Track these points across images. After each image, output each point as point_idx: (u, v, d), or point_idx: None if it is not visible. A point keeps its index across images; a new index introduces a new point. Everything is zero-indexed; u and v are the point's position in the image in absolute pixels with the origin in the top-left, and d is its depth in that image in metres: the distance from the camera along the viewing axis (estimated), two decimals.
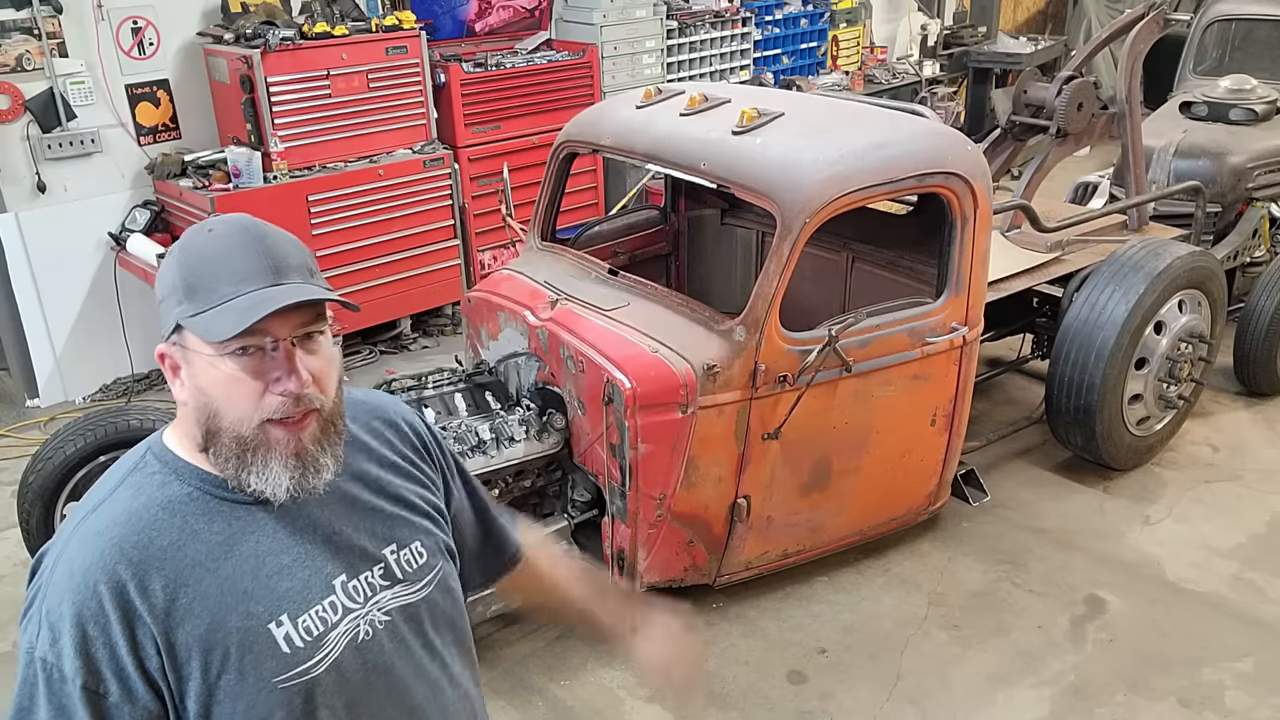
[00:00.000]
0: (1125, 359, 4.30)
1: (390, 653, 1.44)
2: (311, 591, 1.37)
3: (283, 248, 1.34)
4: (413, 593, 1.48)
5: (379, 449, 1.54)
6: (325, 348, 1.35)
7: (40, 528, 3.69)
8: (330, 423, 1.36)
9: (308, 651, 1.35)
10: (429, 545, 1.53)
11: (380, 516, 1.48)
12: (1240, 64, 6.52)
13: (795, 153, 3.42)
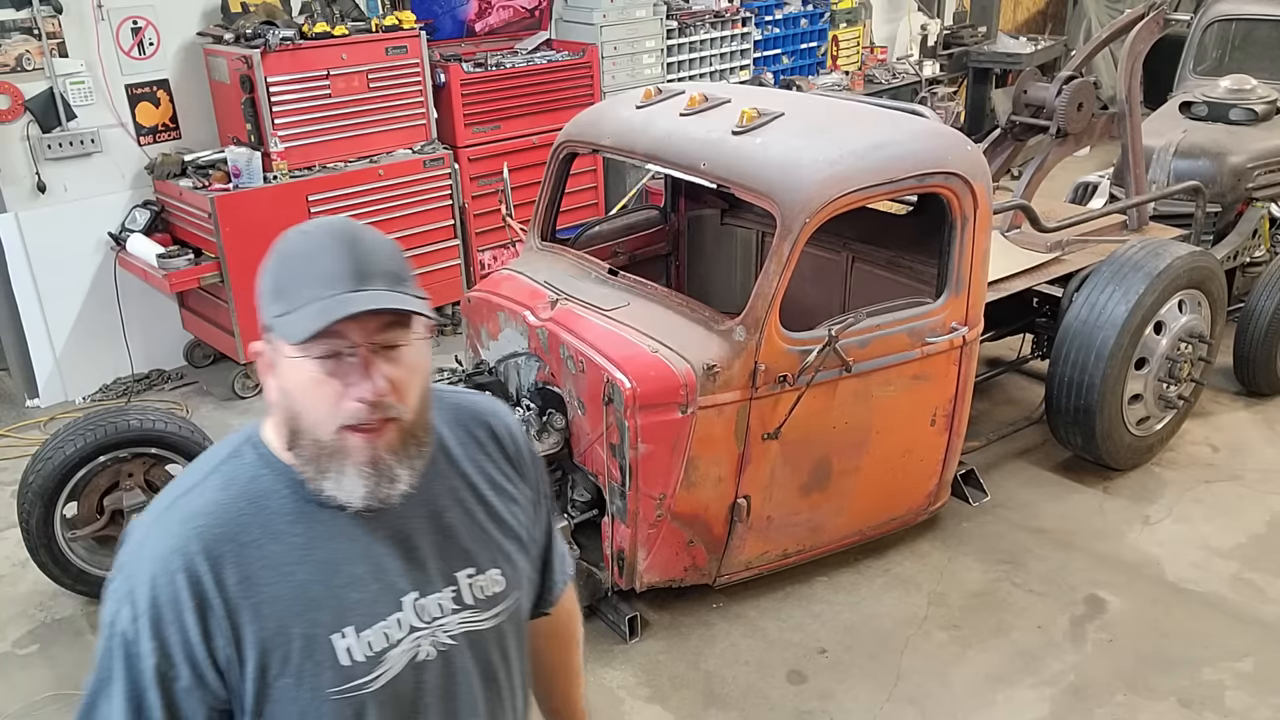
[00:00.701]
0: (1125, 359, 4.30)
1: (448, 678, 1.42)
2: (380, 606, 1.36)
3: (372, 252, 1.31)
4: (481, 620, 1.44)
5: (475, 458, 1.49)
6: (409, 357, 1.31)
7: (40, 528, 3.69)
8: (411, 434, 1.33)
9: (367, 666, 1.34)
10: (508, 574, 1.48)
11: (464, 534, 1.44)
12: (1240, 64, 6.52)
13: (795, 153, 3.42)
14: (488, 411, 1.56)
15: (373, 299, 1.26)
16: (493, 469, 1.51)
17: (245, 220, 5.28)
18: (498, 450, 1.53)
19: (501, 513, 1.49)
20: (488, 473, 1.50)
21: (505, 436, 1.55)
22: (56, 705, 3.49)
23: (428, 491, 1.40)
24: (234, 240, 5.25)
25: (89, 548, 3.87)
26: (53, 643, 3.78)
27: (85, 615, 3.91)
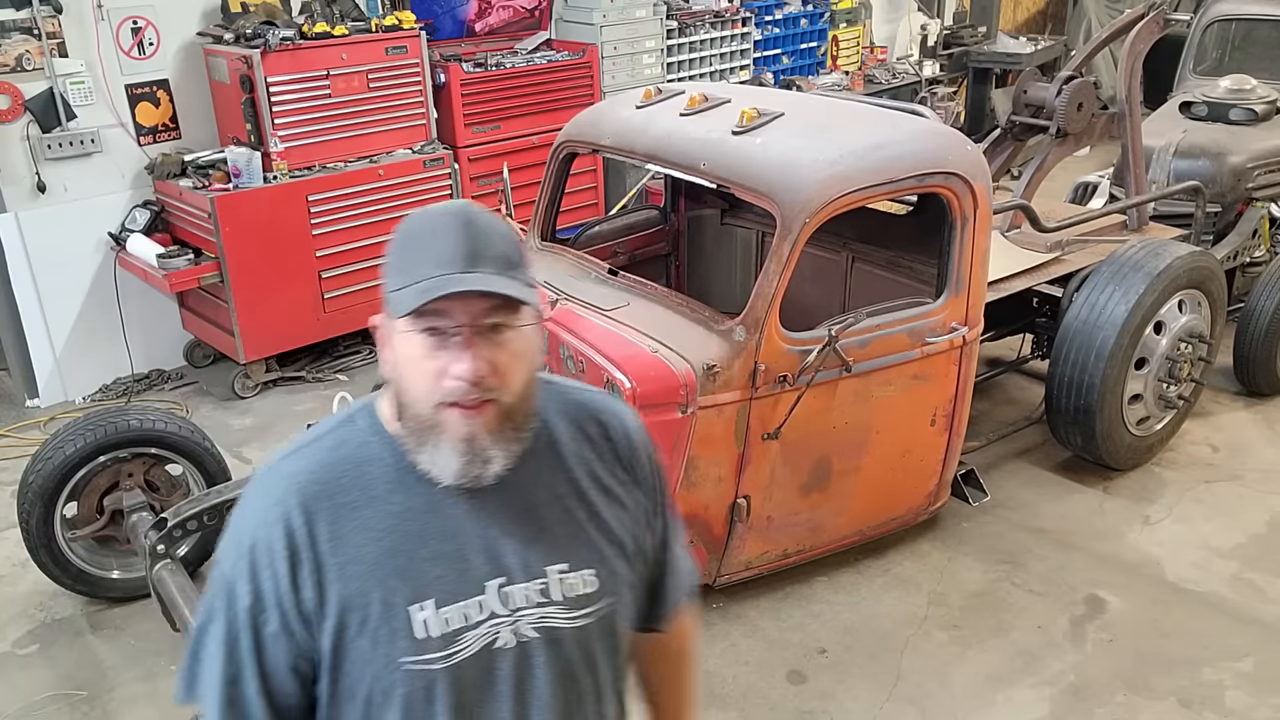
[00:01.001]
0: (1125, 359, 4.30)
1: (523, 670, 1.41)
2: (462, 585, 1.37)
3: (487, 236, 1.33)
4: (566, 618, 1.42)
5: (584, 455, 1.48)
6: (514, 341, 1.33)
7: (40, 528, 3.69)
8: (509, 416, 1.35)
9: (441, 643, 1.35)
10: (604, 577, 1.45)
11: (560, 530, 1.43)
12: (1240, 64, 6.52)
13: (795, 153, 3.42)
14: (604, 410, 1.53)
15: (477, 281, 1.29)
16: (601, 469, 1.48)
17: (245, 220, 5.28)
18: (609, 451, 1.50)
19: (604, 514, 1.47)
20: (595, 472, 1.48)
21: (620, 438, 1.52)
22: (56, 705, 3.49)
23: (528, 481, 1.41)
24: (234, 240, 5.25)
25: (89, 548, 3.87)
26: (53, 643, 3.78)
27: (85, 615, 3.91)
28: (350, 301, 5.76)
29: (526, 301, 1.32)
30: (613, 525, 1.47)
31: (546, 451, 1.45)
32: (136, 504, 3.73)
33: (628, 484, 1.50)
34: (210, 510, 3.48)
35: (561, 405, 1.49)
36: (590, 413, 1.51)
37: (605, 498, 1.48)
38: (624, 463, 1.51)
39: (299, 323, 5.63)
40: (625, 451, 1.51)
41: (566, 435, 1.48)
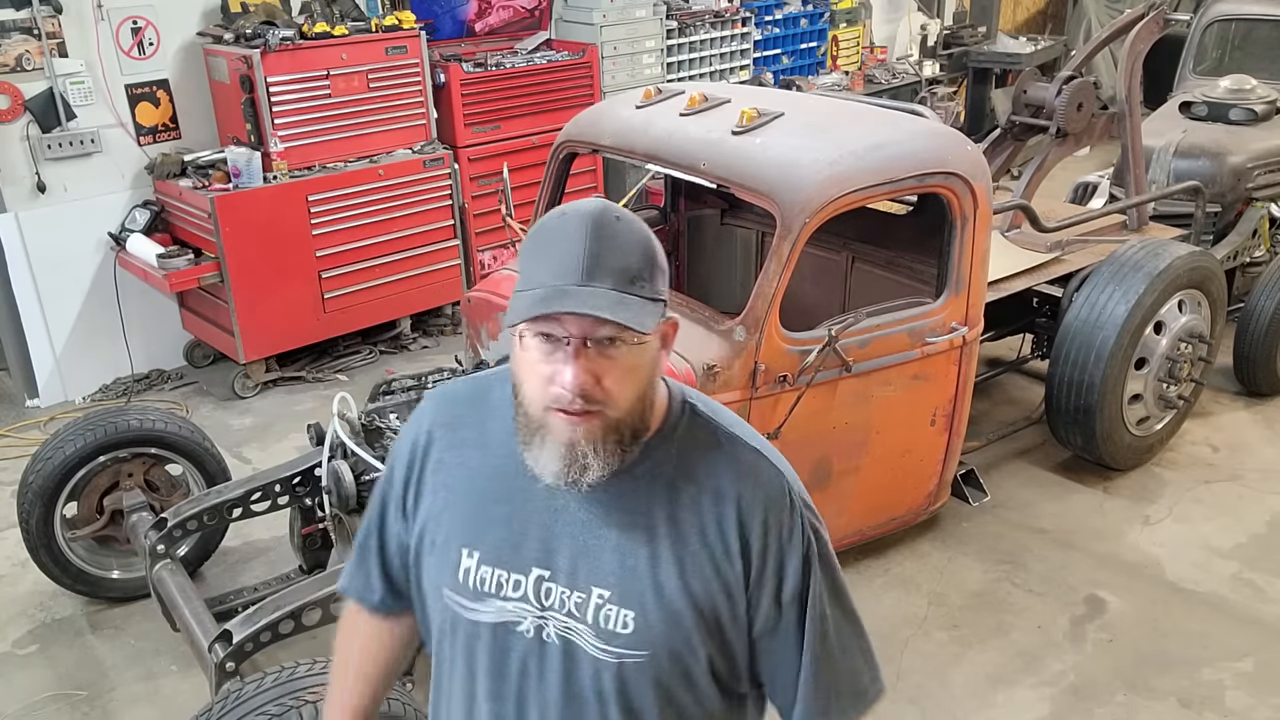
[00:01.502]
0: (1125, 359, 4.30)
1: (536, 665, 1.42)
2: (510, 557, 1.43)
3: (611, 244, 1.31)
4: (591, 644, 1.40)
5: (686, 504, 1.40)
6: (626, 357, 1.32)
7: (40, 527, 3.69)
8: (614, 430, 1.34)
9: (471, 595, 1.44)
10: (640, 627, 1.38)
11: (617, 559, 1.40)
12: (1240, 64, 6.52)
13: (795, 153, 3.42)
14: (750, 477, 1.42)
15: (585, 298, 1.28)
16: (692, 524, 1.40)
17: (245, 220, 5.28)
18: (720, 513, 1.40)
19: (665, 569, 1.39)
20: (681, 527, 1.40)
21: (747, 508, 1.40)
22: (56, 705, 3.49)
23: (616, 498, 1.40)
24: (234, 240, 5.25)
25: (89, 548, 3.87)
26: (53, 643, 3.78)
27: (85, 615, 3.91)
28: (350, 301, 5.76)
29: (628, 326, 1.29)
30: (670, 584, 1.39)
31: (649, 479, 1.41)
32: (136, 504, 3.73)
33: (724, 555, 1.40)
34: (210, 510, 3.48)
35: (706, 447, 1.43)
36: (736, 476, 1.42)
37: (679, 553, 1.39)
38: (738, 531, 1.40)
39: (299, 323, 5.63)
40: (744, 522, 1.40)
41: (683, 475, 1.41)
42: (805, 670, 1.44)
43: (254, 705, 2.38)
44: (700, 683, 1.43)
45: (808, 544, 1.43)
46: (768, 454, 1.47)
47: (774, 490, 1.43)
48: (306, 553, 3.71)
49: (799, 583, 1.42)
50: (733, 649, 1.43)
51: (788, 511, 1.42)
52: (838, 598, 1.46)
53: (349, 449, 3.34)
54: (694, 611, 1.39)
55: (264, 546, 4.22)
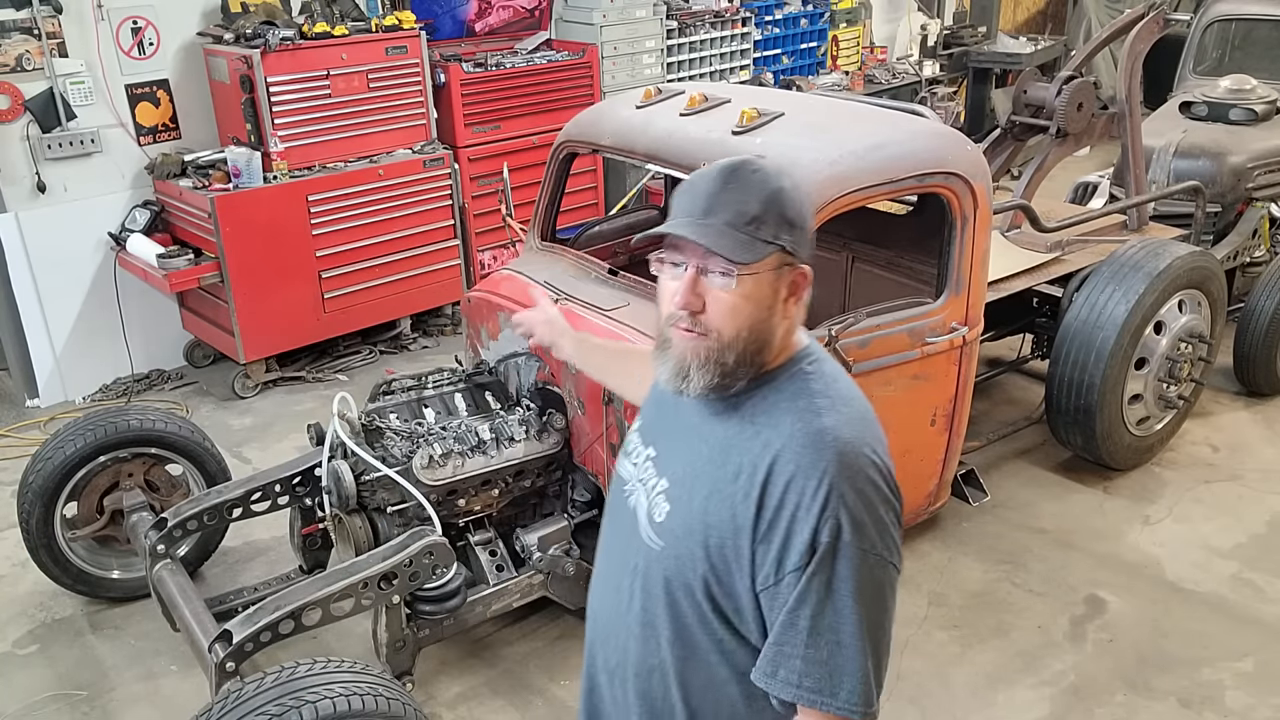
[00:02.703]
0: (1125, 359, 4.30)
1: (621, 515, 1.72)
2: (647, 432, 1.74)
3: (737, 189, 1.50)
4: (643, 520, 1.64)
5: (745, 451, 1.52)
6: (732, 291, 1.49)
7: (40, 528, 3.69)
8: (717, 356, 1.52)
9: (625, 450, 1.78)
10: (666, 529, 1.59)
11: (685, 465, 1.60)
12: (1240, 64, 6.52)
13: (795, 153, 3.42)
14: (801, 447, 1.47)
15: (685, 228, 1.49)
16: (743, 468, 1.52)
17: (245, 220, 5.28)
18: (761, 473, 1.49)
19: (703, 489, 1.55)
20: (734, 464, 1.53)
21: (777, 486, 1.47)
22: (56, 705, 3.49)
23: (713, 419, 1.58)
24: (234, 240, 5.25)
25: (89, 548, 3.87)
26: (53, 643, 3.78)
27: (85, 615, 3.91)
28: (350, 301, 5.76)
29: (717, 252, 1.47)
30: (697, 500, 1.55)
31: (735, 411, 1.57)
32: (136, 504, 3.73)
33: (744, 498, 1.49)
34: (210, 510, 3.48)
35: (787, 403, 1.53)
36: (789, 430, 1.50)
37: (715, 480, 1.54)
38: (762, 481, 1.48)
39: (299, 323, 5.63)
40: (770, 476, 1.47)
41: (754, 418, 1.54)
42: (770, 637, 1.50)
43: (254, 705, 2.38)
44: (702, 606, 1.55)
45: (824, 528, 1.43)
46: (842, 436, 1.48)
47: (815, 463, 1.46)
48: (306, 553, 3.72)
49: (800, 559, 1.44)
50: (735, 589, 1.52)
51: (816, 487, 1.44)
52: (836, 596, 1.45)
53: (349, 449, 3.34)
54: (703, 532, 1.53)
55: (264, 546, 4.23)
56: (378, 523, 3.41)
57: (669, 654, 1.61)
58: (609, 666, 1.77)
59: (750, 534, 1.48)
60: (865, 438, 1.50)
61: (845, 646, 1.46)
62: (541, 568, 3.46)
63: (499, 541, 3.60)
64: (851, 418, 1.52)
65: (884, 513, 1.48)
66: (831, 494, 1.43)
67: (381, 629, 3.17)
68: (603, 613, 1.78)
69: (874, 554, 1.45)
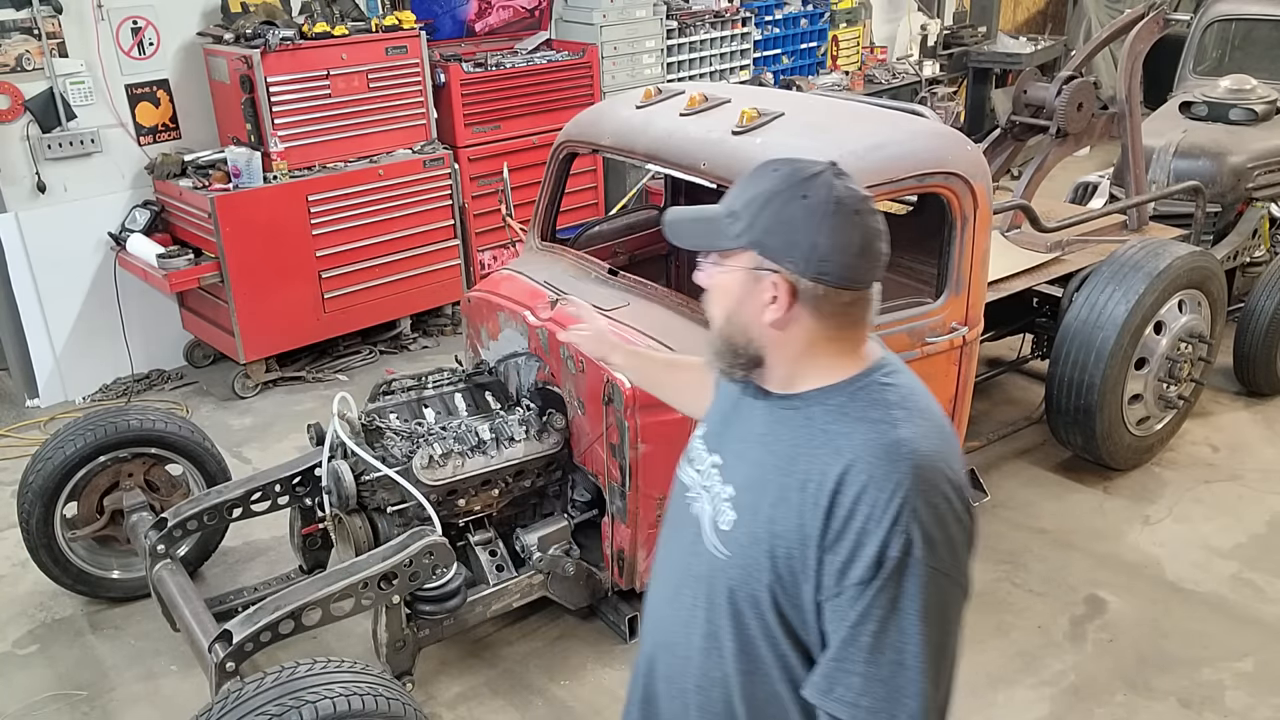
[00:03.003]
0: (1125, 359, 4.30)
1: (683, 522, 1.68)
2: (711, 438, 1.70)
3: (743, 181, 1.55)
4: (707, 528, 1.60)
5: (814, 459, 1.46)
6: (716, 276, 1.57)
7: (40, 528, 3.69)
8: (712, 336, 1.61)
9: (686, 455, 1.74)
10: (732, 539, 1.55)
11: (751, 473, 1.56)
12: (1240, 64, 6.52)
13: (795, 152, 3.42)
14: (874, 459, 1.42)
15: (679, 209, 1.61)
16: (811, 477, 1.46)
17: (245, 220, 5.28)
18: (830, 483, 1.43)
19: (770, 498, 1.50)
20: (802, 473, 1.47)
21: (846, 501, 1.41)
22: (56, 705, 3.49)
23: (779, 426, 1.55)
24: (234, 240, 5.25)
25: (89, 548, 3.87)
26: (53, 643, 3.78)
27: (85, 615, 3.91)
28: (350, 301, 5.76)
29: (665, 233, 1.60)
30: (764, 509, 1.51)
31: (804, 418, 1.52)
32: (136, 504, 3.73)
33: (812, 507, 1.44)
34: (210, 510, 3.48)
35: (860, 411, 1.48)
36: (863, 440, 1.44)
37: (782, 489, 1.49)
38: (831, 491, 1.43)
39: (299, 323, 5.63)
40: (840, 486, 1.42)
41: (825, 426, 1.50)
42: (829, 652, 1.44)
43: (254, 705, 2.38)
44: (767, 618, 1.50)
45: (893, 542, 1.38)
46: (919, 449, 1.43)
47: (888, 475, 1.40)
48: (306, 553, 3.72)
49: (866, 572, 1.39)
50: (802, 600, 1.47)
51: (888, 499, 1.38)
52: (902, 615, 1.39)
53: (349, 449, 3.34)
54: (769, 541, 1.48)
55: (264, 546, 4.23)
56: (378, 523, 3.41)
57: (732, 668, 1.56)
58: (668, 675, 1.70)
59: (818, 544, 1.43)
60: (943, 452, 1.45)
61: (908, 667, 1.39)
62: (541, 568, 3.47)
63: (499, 541, 3.60)
64: (929, 431, 1.47)
65: (956, 531, 1.42)
66: (904, 508, 1.38)
67: (381, 629, 3.17)
68: (663, 621, 1.71)
69: (944, 573, 1.40)
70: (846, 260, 1.48)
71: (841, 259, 1.47)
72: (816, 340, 1.52)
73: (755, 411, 1.60)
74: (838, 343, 1.53)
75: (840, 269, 1.48)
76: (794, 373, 1.55)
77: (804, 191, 1.48)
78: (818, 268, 1.47)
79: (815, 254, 1.47)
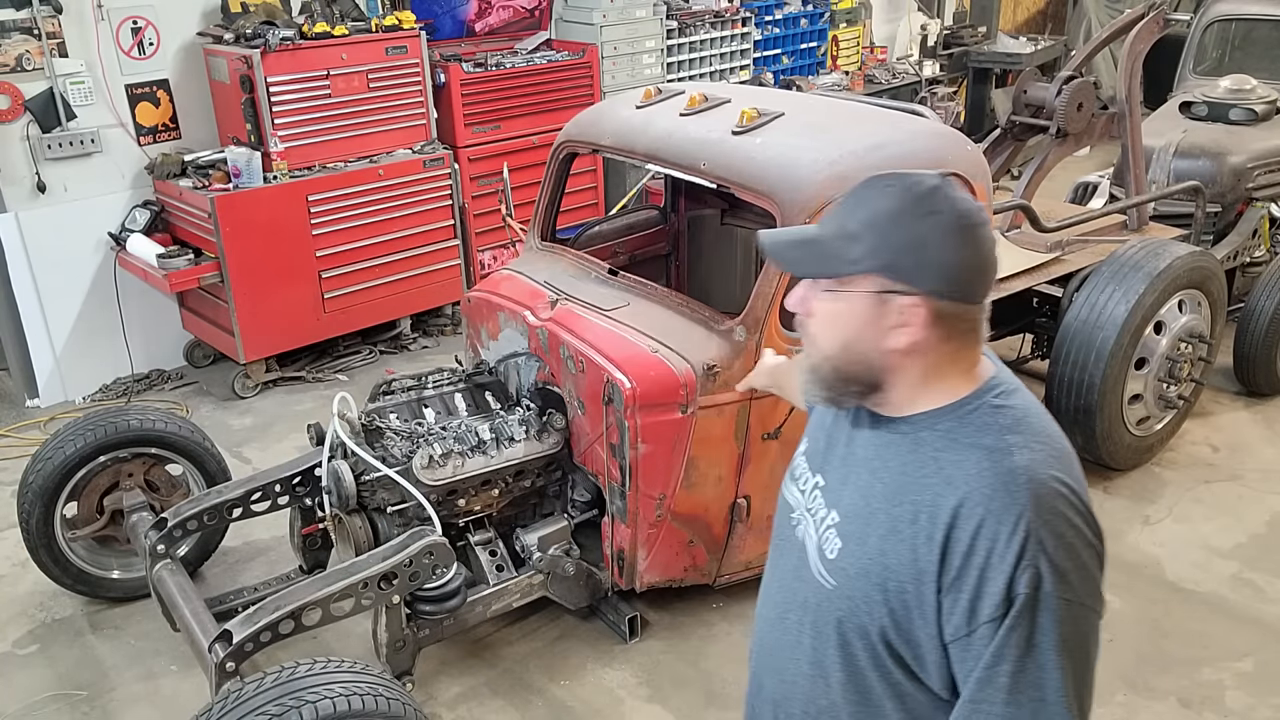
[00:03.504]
0: (1125, 359, 4.30)
1: (787, 545, 1.65)
2: (815, 459, 1.63)
3: (852, 199, 1.46)
4: (813, 555, 1.55)
5: (924, 488, 1.41)
6: (824, 303, 1.47)
7: (40, 528, 3.69)
8: (817, 365, 1.51)
9: (790, 474, 1.70)
10: (844, 562, 1.47)
11: (858, 499, 1.49)
12: (1240, 64, 6.52)
13: (795, 152, 3.42)
14: (992, 490, 1.36)
15: (775, 232, 1.53)
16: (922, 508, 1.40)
17: (245, 220, 5.28)
18: (944, 516, 1.37)
19: (880, 529, 1.44)
20: (913, 503, 1.41)
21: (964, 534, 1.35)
22: (56, 705, 3.49)
23: (886, 449, 1.49)
24: (234, 240, 5.25)
25: (89, 548, 3.87)
26: (53, 643, 3.78)
27: (85, 615, 3.91)
28: (350, 301, 5.76)
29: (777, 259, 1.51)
30: (873, 541, 1.44)
31: (913, 444, 1.46)
32: (136, 504, 3.73)
33: (926, 542, 1.39)
34: (210, 510, 3.48)
35: (973, 438, 1.41)
36: (978, 470, 1.38)
37: (892, 520, 1.43)
38: (946, 525, 1.37)
39: (299, 323, 5.63)
40: (956, 520, 1.36)
41: (936, 453, 1.42)
42: (965, 694, 1.38)
43: (254, 705, 2.38)
44: (878, 650, 1.45)
45: (1021, 578, 1.32)
46: (1038, 477, 1.37)
47: (1008, 507, 1.34)
48: (306, 553, 3.72)
49: (995, 610, 1.33)
50: (916, 636, 1.41)
51: (1010, 533, 1.33)
52: (1038, 650, 1.34)
53: (349, 449, 3.34)
54: (881, 576, 1.43)
55: (264, 546, 4.23)
56: (378, 523, 3.41)
57: (840, 697, 1.52)
58: (775, 698, 1.67)
59: (935, 582, 1.37)
60: (1062, 477, 1.38)
61: (1050, 704, 1.34)
62: (541, 568, 3.47)
63: (499, 541, 3.60)
64: (1047, 456, 1.40)
65: (1087, 557, 1.37)
66: (1029, 541, 1.32)
67: (381, 629, 3.17)
68: (769, 644, 1.68)
69: (1078, 603, 1.35)
70: (975, 276, 1.42)
71: (971, 275, 1.41)
72: (940, 361, 1.45)
73: (860, 433, 1.54)
74: (959, 362, 1.46)
75: (971, 285, 1.41)
76: (911, 396, 1.47)
77: (929, 208, 1.39)
78: (951, 286, 1.40)
79: (949, 272, 1.39)
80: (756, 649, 1.74)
